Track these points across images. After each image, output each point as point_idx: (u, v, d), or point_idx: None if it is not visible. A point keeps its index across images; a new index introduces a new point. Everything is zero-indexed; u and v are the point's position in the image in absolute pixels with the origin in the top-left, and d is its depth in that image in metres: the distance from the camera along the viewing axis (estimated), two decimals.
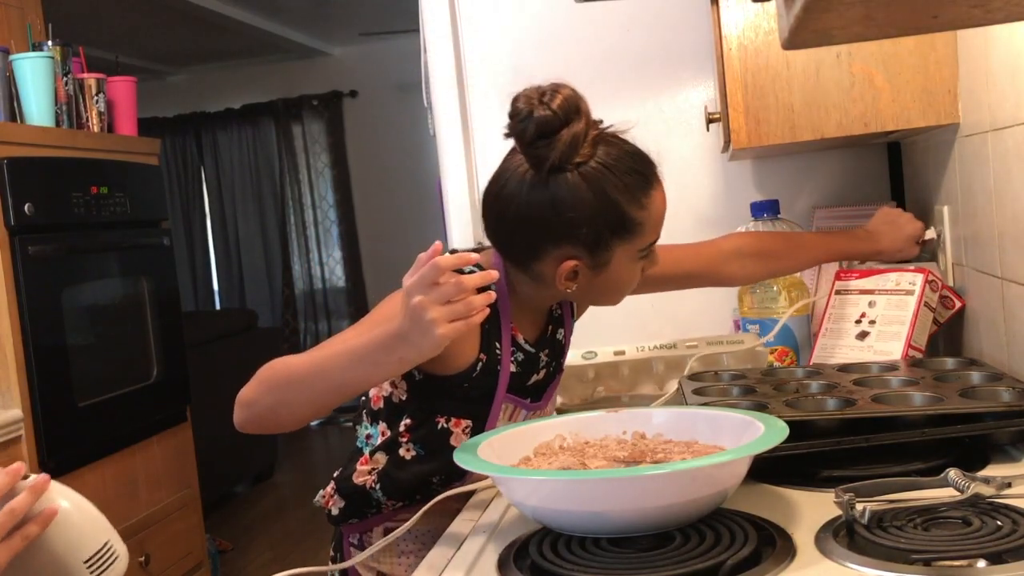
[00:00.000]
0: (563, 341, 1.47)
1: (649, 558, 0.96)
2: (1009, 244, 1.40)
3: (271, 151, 7.20)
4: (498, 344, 1.34)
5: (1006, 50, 1.36)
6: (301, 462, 6.12)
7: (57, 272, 2.76)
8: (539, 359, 1.41)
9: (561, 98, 1.27)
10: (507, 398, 1.36)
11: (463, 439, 1.34)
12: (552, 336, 1.44)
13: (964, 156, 1.62)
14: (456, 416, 1.35)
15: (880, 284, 1.72)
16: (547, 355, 1.42)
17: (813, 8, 0.74)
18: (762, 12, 1.67)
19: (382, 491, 1.39)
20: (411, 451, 1.38)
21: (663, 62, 2.22)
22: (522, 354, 1.37)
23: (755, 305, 1.88)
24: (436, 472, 1.37)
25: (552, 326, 1.44)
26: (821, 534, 0.98)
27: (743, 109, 1.69)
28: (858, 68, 1.66)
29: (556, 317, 1.45)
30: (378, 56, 6.74)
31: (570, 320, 1.49)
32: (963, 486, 0.99)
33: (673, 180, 2.36)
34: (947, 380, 1.35)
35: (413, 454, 1.38)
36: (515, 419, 1.40)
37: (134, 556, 2.98)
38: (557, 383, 1.50)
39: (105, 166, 3.05)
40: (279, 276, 7.20)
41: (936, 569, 0.86)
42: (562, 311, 1.46)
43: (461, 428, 1.36)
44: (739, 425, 1.13)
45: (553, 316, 1.44)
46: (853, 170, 2.16)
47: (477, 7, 2.27)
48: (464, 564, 1.05)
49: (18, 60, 2.82)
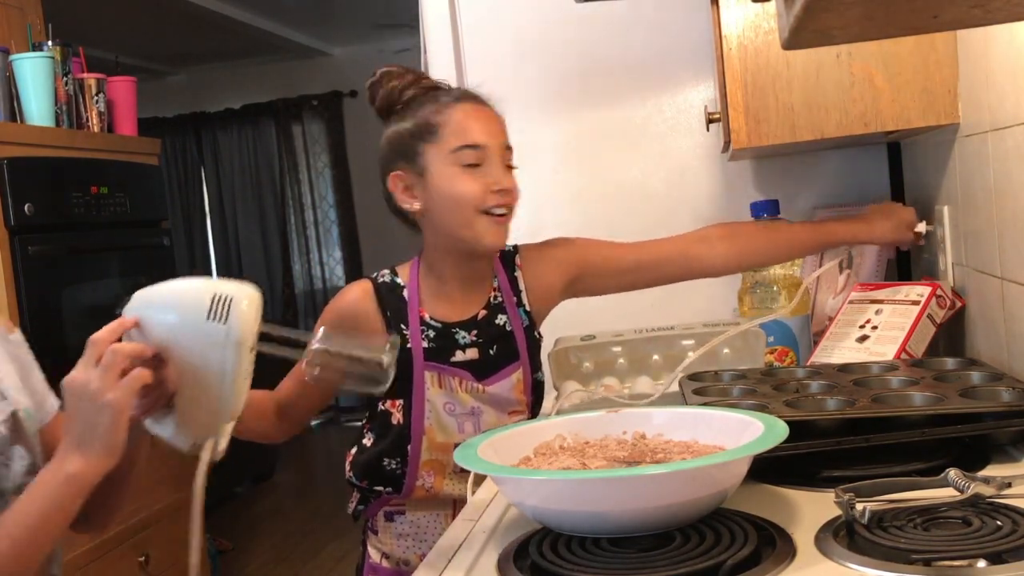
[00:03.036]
0: (507, 328, 1.54)
1: (649, 558, 0.96)
2: (1009, 244, 1.40)
3: (271, 151, 7.21)
4: (404, 325, 1.50)
5: (1006, 50, 1.36)
6: (301, 462, 6.13)
7: (57, 272, 2.76)
8: (455, 336, 1.51)
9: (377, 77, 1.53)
10: (428, 366, 1.49)
11: (399, 418, 1.50)
12: (486, 320, 1.53)
13: (964, 156, 1.62)
14: (390, 398, 1.51)
15: (890, 295, 1.74)
16: (475, 335, 1.52)
17: (813, 8, 0.74)
18: (762, 12, 1.67)
19: (355, 476, 1.56)
20: (370, 438, 1.55)
21: (663, 62, 2.22)
22: (433, 331, 1.50)
23: (755, 305, 1.88)
24: (386, 454, 1.51)
25: (488, 312, 1.54)
26: (821, 534, 0.98)
27: (743, 109, 1.69)
28: (858, 68, 1.66)
29: (496, 304, 1.54)
30: (378, 56, 6.74)
31: (515, 309, 1.56)
32: (963, 486, 0.99)
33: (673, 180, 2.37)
34: (947, 380, 1.35)
35: (371, 440, 1.55)
36: (454, 390, 1.50)
37: (134, 556, 2.98)
38: (518, 368, 1.54)
39: (105, 166, 3.05)
40: (279, 276, 7.21)
41: (936, 569, 0.86)
42: (503, 299, 1.55)
43: (396, 408, 1.51)
44: (739, 425, 1.13)
45: (492, 304, 1.54)
46: (853, 170, 2.16)
47: (477, 7, 2.27)
48: (464, 564, 1.05)
49: (18, 60, 2.82)
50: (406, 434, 1.50)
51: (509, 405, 1.53)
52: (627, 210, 2.25)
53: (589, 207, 2.26)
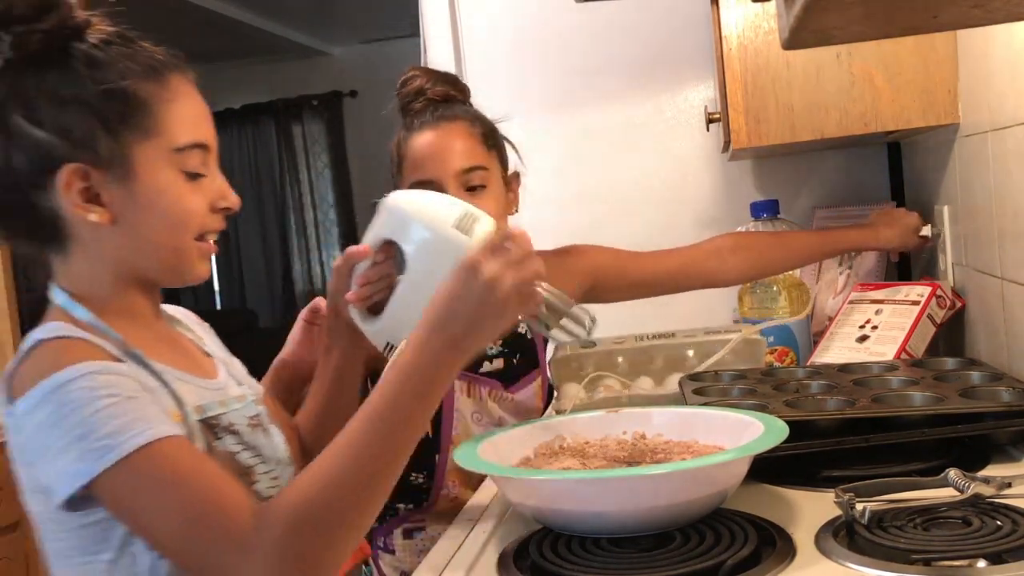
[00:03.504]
0: (528, 336, 1.55)
1: (649, 558, 0.96)
2: (1009, 244, 1.40)
3: (271, 151, 7.20)
4: None
5: (1006, 50, 1.36)
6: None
7: None
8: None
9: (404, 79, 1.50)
10: (460, 375, 1.41)
11: (428, 429, 1.41)
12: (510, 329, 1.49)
13: (964, 156, 1.62)
14: None
15: (890, 295, 1.75)
16: (500, 345, 1.51)
17: (813, 8, 0.74)
18: (762, 12, 1.67)
19: None
20: None
21: (663, 62, 2.22)
22: None
23: (755, 305, 1.88)
24: (413, 468, 1.44)
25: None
26: (821, 534, 0.98)
27: (743, 109, 1.69)
28: (858, 68, 1.66)
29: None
30: (378, 56, 6.73)
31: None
32: (963, 486, 0.99)
33: (673, 180, 2.37)
34: (947, 380, 1.35)
35: None
36: (483, 399, 1.49)
37: None
38: (538, 376, 1.56)
39: None
40: (279, 276, 7.20)
41: (936, 569, 0.86)
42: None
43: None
44: (739, 425, 1.13)
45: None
46: (853, 170, 2.16)
47: (477, 8, 2.27)
48: (464, 564, 1.05)
49: None
50: (435, 444, 1.47)
51: (529, 413, 1.54)
52: (627, 210, 2.25)
53: (589, 207, 2.26)
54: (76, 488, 0.87)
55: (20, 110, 0.95)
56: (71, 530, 0.93)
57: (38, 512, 0.96)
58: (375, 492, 0.90)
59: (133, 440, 0.87)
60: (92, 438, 0.87)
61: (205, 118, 1.07)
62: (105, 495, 0.89)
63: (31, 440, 0.91)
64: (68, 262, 1.01)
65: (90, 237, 0.99)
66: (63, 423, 0.88)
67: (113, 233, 0.98)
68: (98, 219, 0.97)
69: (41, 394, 0.88)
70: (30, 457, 0.92)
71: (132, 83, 0.98)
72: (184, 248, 1.02)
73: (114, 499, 0.89)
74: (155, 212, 0.99)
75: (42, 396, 0.88)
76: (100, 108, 0.96)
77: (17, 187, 0.97)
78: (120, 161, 0.97)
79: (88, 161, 0.96)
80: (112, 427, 0.87)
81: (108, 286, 1.01)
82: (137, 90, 0.98)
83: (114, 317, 0.99)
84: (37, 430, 0.89)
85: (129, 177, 0.97)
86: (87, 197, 0.97)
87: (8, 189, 0.98)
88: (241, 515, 0.86)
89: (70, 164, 0.95)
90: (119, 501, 0.89)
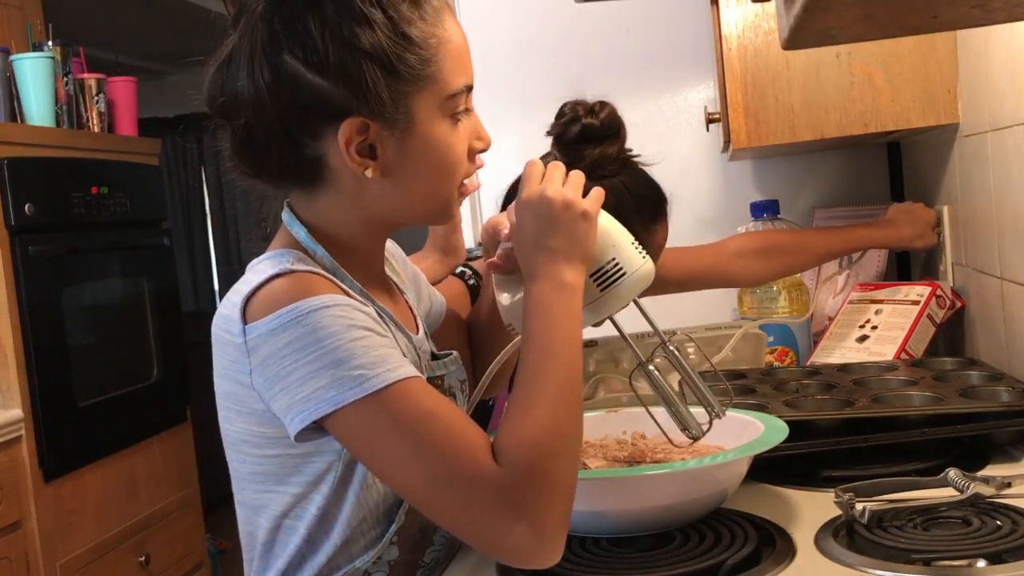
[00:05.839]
0: None
1: (649, 558, 0.96)
2: (1009, 244, 1.40)
3: None
4: None
5: (1006, 50, 1.36)
6: None
7: (57, 272, 2.76)
8: None
9: (607, 112, 1.39)
10: None
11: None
12: None
13: (964, 156, 1.62)
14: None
15: (890, 295, 1.75)
16: None
17: (813, 8, 0.74)
18: (762, 12, 1.67)
19: None
20: None
21: (663, 62, 2.22)
22: None
23: (755, 305, 1.88)
24: None
25: None
26: (821, 534, 0.98)
27: (743, 109, 1.69)
28: (858, 68, 1.66)
29: None
30: None
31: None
32: (963, 486, 0.99)
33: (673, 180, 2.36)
34: (947, 380, 1.35)
35: None
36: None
37: (134, 556, 2.98)
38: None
39: (105, 166, 3.05)
40: None
41: (936, 569, 0.86)
42: None
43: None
44: (739, 425, 1.13)
45: None
46: (853, 170, 2.16)
47: (477, 7, 2.27)
48: (464, 564, 1.05)
49: (18, 60, 2.82)
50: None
51: None
52: None
53: None
54: (321, 413, 0.84)
55: (297, 51, 0.89)
56: (268, 457, 0.92)
57: (239, 430, 0.93)
58: (579, 409, 0.89)
59: (388, 374, 0.84)
60: (347, 366, 0.84)
61: (468, 51, 0.99)
62: (345, 426, 0.85)
63: (270, 361, 0.86)
64: (315, 200, 0.96)
65: (352, 185, 0.94)
66: (315, 347, 0.84)
67: (379, 184, 0.94)
68: (371, 174, 0.93)
69: (290, 317, 0.85)
70: (262, 378, 0.87)
71: (417, 27, 0.91)
72: (449, 196, 0.99)
73: (354, 432, 0.86)
74: (426, 163, 0.94)
75: (292, 319, 0.85)
76: (387, 56, 0.89)
77: (283, 132, 0.91)
78: (401, 114, 0.91)
79: (368, 115, 0.90)
80: (367, 359, 0.84)
81: (355, 229, 0.98)
82: (422, 35, 0.92)
83: (350, 260, 0.97)
84: (281, 352, 0.85)
85: (407, 131, 0.92)
86: (361, 151, 0.92)
87: (269, 131, 0.92)
88: (487, 453, 0.84)
89: (353, 118, 0.90)
90: (358, 436, 0.86)
